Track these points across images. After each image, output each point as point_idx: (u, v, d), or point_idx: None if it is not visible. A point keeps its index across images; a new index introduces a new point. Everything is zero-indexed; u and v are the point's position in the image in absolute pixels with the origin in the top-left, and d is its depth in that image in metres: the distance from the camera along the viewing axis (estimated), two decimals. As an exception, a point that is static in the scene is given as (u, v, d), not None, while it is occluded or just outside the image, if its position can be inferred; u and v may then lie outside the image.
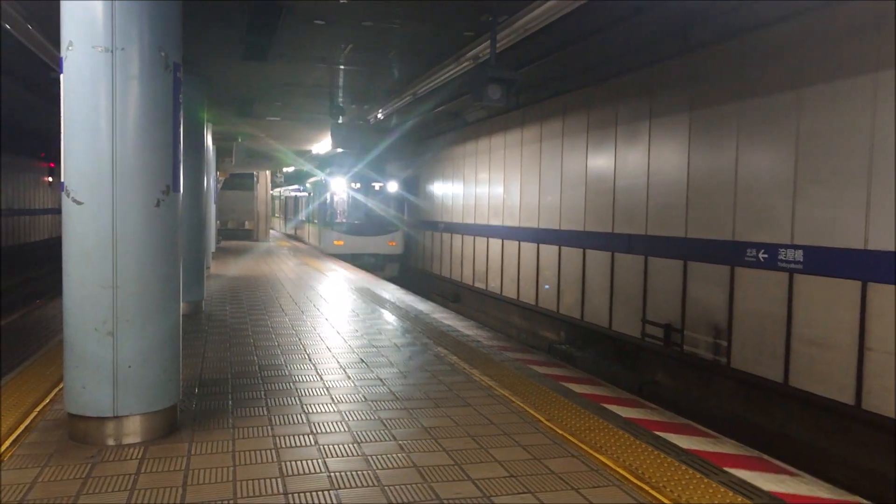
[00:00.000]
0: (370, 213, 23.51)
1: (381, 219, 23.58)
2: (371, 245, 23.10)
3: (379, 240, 23.26)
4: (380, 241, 23.24)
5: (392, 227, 23.49)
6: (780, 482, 4.21)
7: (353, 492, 3.88)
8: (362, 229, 23.24)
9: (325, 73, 11.80)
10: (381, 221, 23.52)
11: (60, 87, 4.46)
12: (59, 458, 4.28)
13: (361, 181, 23.52)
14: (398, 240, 23.50)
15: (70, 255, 4.48)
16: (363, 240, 23.07)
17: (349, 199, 23.71)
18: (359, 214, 23.58)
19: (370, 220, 23.48)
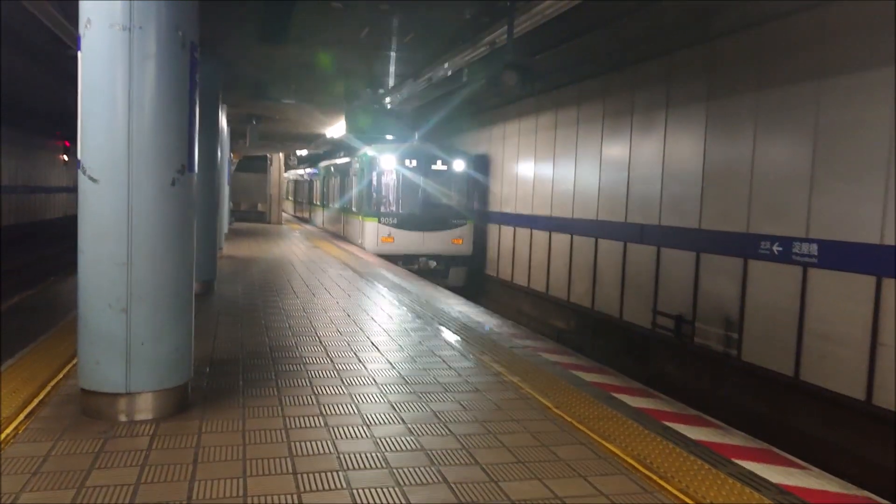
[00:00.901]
0: (430, 201, 18.42)
1: (444, 208, 18.51)
2: (431, 243, 18.10)
3: (442, 236, 18.20)
4: (443, 237, 18.19)
5: (459, 220, 18.44)
6: (788, 475, 4.20)
7: (361, 473, 3.91)
8: (420, 222, 18.13)
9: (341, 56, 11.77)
10: (444, 212, 18.43)
11: (78, 66, 4.47)
12: (72, 433, 4.33)
13: (419, 158, 18.33)
14: (466, 236, 18.43)
15: (85, 232, 4.51)
16: (420, 236, 18.01)
17: (402, 182, 18.47)
18: (415, 202, 18.42)
19: (430, 209, 18.32)
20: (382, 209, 18.29)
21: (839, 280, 7.92)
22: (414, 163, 18.28)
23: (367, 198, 18.46)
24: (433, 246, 18.11)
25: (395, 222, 18.09)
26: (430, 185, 18.38)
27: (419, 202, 18.40)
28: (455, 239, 18.26)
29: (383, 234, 17.90)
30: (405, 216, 18.25)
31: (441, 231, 18.21)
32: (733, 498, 3.78)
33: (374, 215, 18.20)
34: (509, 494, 3.71)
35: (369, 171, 18.40)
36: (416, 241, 17.99)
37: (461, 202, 18.65)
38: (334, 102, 16.52)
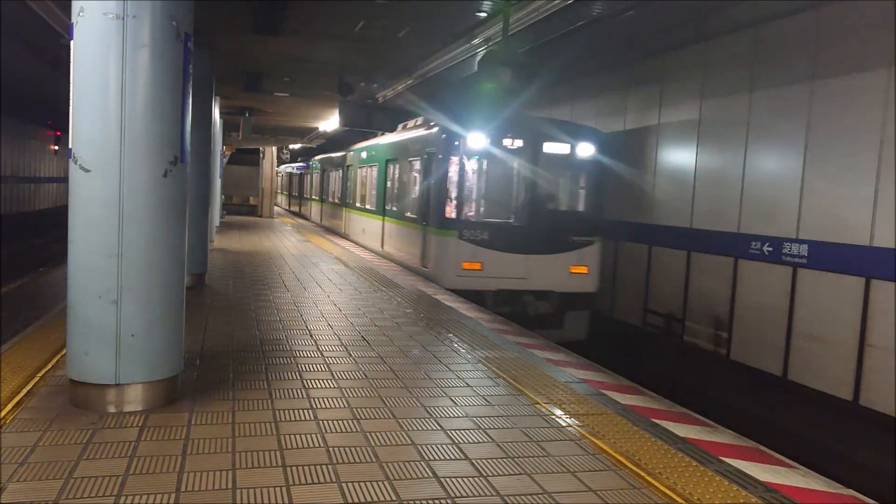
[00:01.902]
0: (541, 205, 11.83)
1: (562, 217, 12.09)
2: (540, 273, 11.54)
3: (557, 262, 11.64)
4: (558, 264, 11.64)
5: (583, 236, 11.82)
6: (775, 473, 4.23)
7: (351, 467, 3.91)
8: (525, 239, 11.53)
9: (335, 50, 11.73)
10: (562, 222, 11.92)
11: (70, 55, 4.45)
12: (60, 423, 4.32)
13: (526, 135, 11.65)
14: (593, 262, 11.84)
15: (76, 222, 4.49)
16: (524, 262, 11.46)
17: (497, 174, 11.97)
18: (518, 206, 11.87)
19: (541, 218, 11.69)
20: (465, 217, 11.54)
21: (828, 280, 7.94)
22: (518, 143, 11.47)
23: (439, 199, 11.62)
24: (543, 277, 11.44)
25: (485, 238, 11.30)
26: (542, 179, 11.72)
27: (525, 206, 11.57)
28: (576, 266, 11.60)
29: (465, 256, 11.18)
30: (502, 229, 11.48)
31: (557, 254, 11.49)
32: (720, 495, 3.80)
33: (450, 227, 11.37)
34: (499, 490, 3.72)
35: (444, 156, 11.56)
36: (518, 268, 11.27)
37: (588, 207, 12.17)
38: (327, 96, 16.46)
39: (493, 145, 11.38)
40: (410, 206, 13.55)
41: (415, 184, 13.37)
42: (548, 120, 12.46)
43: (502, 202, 11.89)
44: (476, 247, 11.28)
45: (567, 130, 11.83)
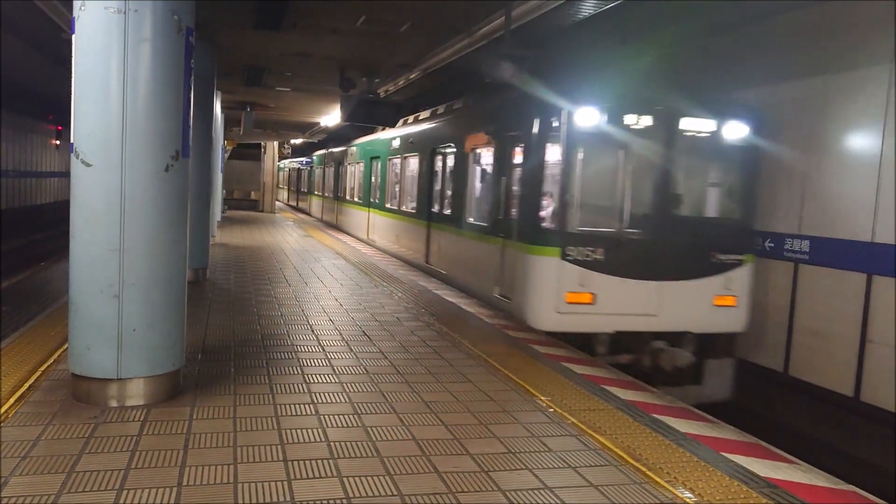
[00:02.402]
0: (673, 209, 8.39)
1: (703, 227, 8.72)
2: (673, 305, 8.16)
3: (695, 291, 8.26)
4: (697, 293, 8.27)
5: (731, 254, 8.38)
6: (776, 469, 4.23)
7: (352, 461, 3.91)
8: (652, 259, 8.10)
9: (337, 45, 11.71)
10: (703, 234, 8.49)
11: (72, 49, 4.44)
12: (62, 417, 4.32)
13: (656, 114, 8.04)
14: (742, 287, 8.45)
15: (78, 217, 4.49)
16: (653, 291, 8.07)
17: (613, 169, 8.20)
18: (643, 215, 8.22)
19: (674, 228, 8.23)
20: (571, 227, 7.94)
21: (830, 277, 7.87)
22: (645, 121, 8.00)
23: (530, 202, 8.33)
24: (678, 312, 8.12)
25: (598, 259, 7.89)
26: (678, 172, 8.40)
27: (655, 211, 8.15)
28: (722, 296, 8.26)
29: (571, 285, 7.81)
30: (623, 245, 8.04)
31: (696, 279, 8.17)
32: (721, 490, 3.80)
33: (548, 241, 7.94)
34: (500, 485, 3.72)
35: (539, 138, 8.13)
36: (645, 300, 8.00)
37: (739, 212, 8.72)
38: (329, 91, 16.43)
39: (612, 124, 7.76)
40: (477, 210, 10.40)
41: (484, 180, 10.08)
42: (685, 89, 8.62)
43: (623, 206, 8.01)
44: (586, 271, 7.73)
45: (710, 104, 8.24)
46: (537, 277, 7.92)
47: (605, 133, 7.80)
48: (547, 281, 7.82)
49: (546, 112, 8.03)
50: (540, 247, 7.94)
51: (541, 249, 7.92)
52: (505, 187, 8.94)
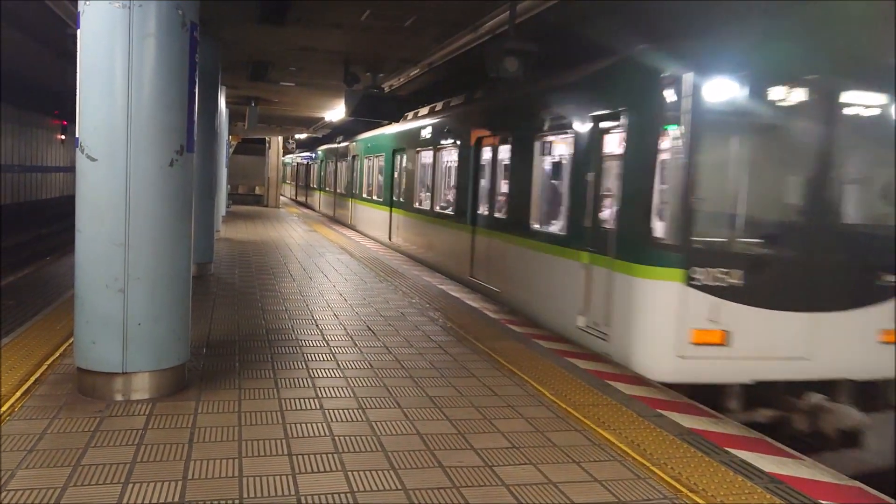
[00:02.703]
0: (832, 217, 6.07)
1: (865, 239, 6.21)
2: (829, 345, 5.88)
3: (855, 324, 5.96)
4: (857, 326, 5.96)
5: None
6: (780, 464, 4.23)
7: (356, 456, 3.92)
8: (805, 282, 5.87)
9: (341, 40, 11.69)
10: (866, 248, 6.12)
11: (77, 43, 4.44)
12: (68, 411, 4.34)
13: (811, 85, 5.95)
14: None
15: (83, 211, 4.50)
16: (806, 326, 5.84)
17: (753, 160, 6.00)
18: (793, 222, 6.02)
19: (832, 242, 5.99)
20: (697, 240, 5.86)
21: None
22: (800, 95, 6.06)
23: (638, 205, 6.17)
24: (835, 353, 5.99)
25: (736, 284, 5.82)
26: (839, 164, 6.18)
27: (808, 217, 6.06)
28: (891, 332, 6.13)
29: (697, 319, 5.76)
30: (767, 264, 5.95)
31: (857, 309, 6.07)
32: (725, 486, 3.80)
33: (664, 260, 5.87)
34: (504, 479, 3.73)
35: (650, 117, 6.09)
36: (791, 339, 5.92)
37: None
38: (333, 86, 16.41)
39: (753, 98, 5.84)
40: (546, 214, 8.36)
41: (559, 175, 7.85)
42: (851, 52, 6.27)
43: (768, 211, 6.20)
44: (719, 300, 5.74)
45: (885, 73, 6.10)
46: (649, 309, 5.86)
47: (744, 111, 5.83)
48: (663, 314, 5.76)
49: (660, 83, 5.91)
50: (653, 267, 5.83)
51: (654, 271, 5.81)
52: (593, 185, 6.79)
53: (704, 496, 3.65)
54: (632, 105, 6.29)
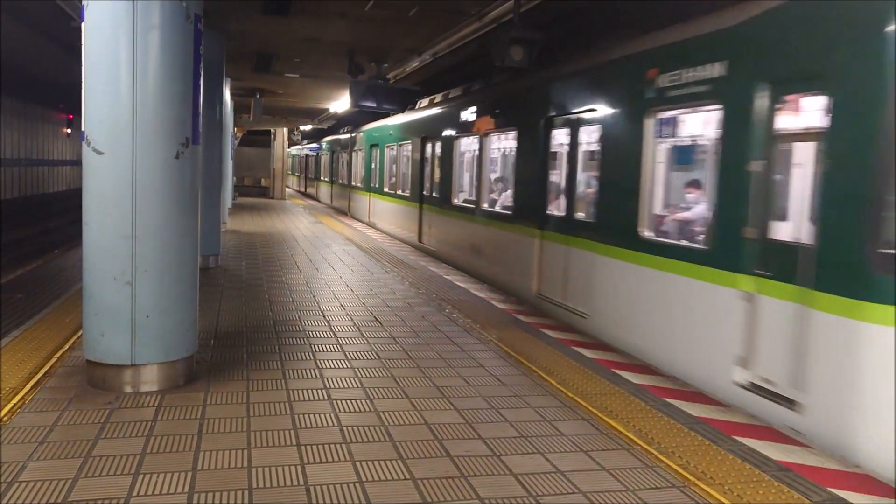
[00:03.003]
0: None
1: None
2: None
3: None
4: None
5: None
6: (788, 452, 4.22)
7: (365, 446, 3.94)
8: None
9: (345, 30, 11.66)
10: None
11: (82, 37, 4.44)
12: (78, 403, 4.37)
13: None
14: None
15: (90, 204, 4.51)
16: None
17: None
18: None
19: None
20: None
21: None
22: None
23: (853, 210, 4.30)
24: None
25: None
26: None
27: None
28: None
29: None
30: None
31: None
32: (733, 473, 3.80)
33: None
34: (511, 468, 3.74)
35: (864, 85, 4.31)
36: None
37: None
38: (338, 77, 16.37)
39: None
40: (669, 219, 6.64)
41: (693, 162, 6.81)
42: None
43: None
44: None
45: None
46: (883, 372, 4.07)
47: None
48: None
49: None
50: (884, 306, 4.09)
51: (885, 313, 4.08)
52: (761, 178, 4.98)
53: (712, 484, 3.66)
54: (842, 66, 4.46)
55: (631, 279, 6.47)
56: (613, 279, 6.78)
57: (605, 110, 7.10)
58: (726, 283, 5.20)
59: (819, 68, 4.62)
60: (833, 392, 4.34)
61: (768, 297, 4.85)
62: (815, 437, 4.43)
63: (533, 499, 3.40)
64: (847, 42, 4.45)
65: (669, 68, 6.01)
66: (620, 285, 6.66)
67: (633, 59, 6.72)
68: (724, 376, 5.22)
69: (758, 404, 4.91)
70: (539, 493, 3.46)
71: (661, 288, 6.02)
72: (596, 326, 7.06)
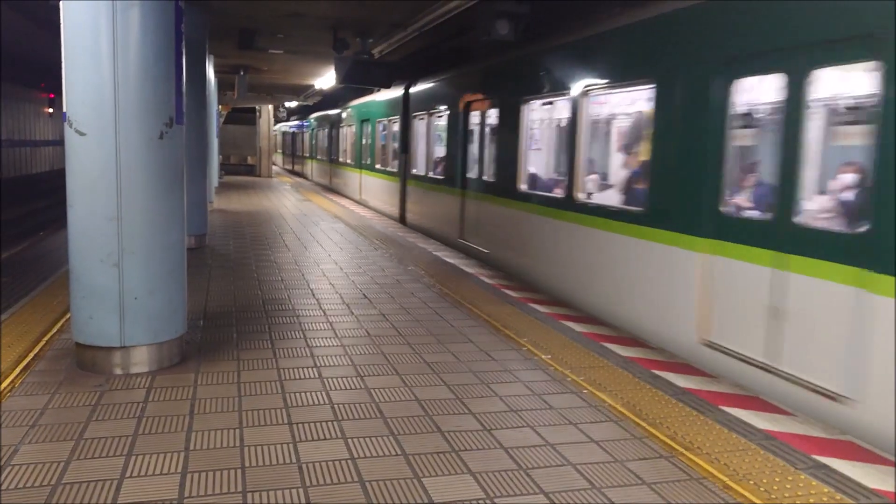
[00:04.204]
0: None
1: None
2: None
3: None
4: None
5: None
6: (774, 421, 4.29)
7: (356, 423, 3.97)
8: None
9: (329, 5, 11.52)
10: None
11: (60, 15, 4.37)
12: (68, 386, 4.37)
13: None
14: None
15: (74, 186, 4.47)
16: None
17: None
18: None
19: None
20: None
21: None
22: None
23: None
24: None
25: None
26: None
27: None
28: None
29: None
30: None
31: None
32: (720, 443, 3.86)
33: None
34: (502, 442, 3.78)
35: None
36: None
37: None
38: (323, 53, 16.21)
39: None
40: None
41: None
42: None
43: None
44: None
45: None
46: None
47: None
48: None
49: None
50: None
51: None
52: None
53: (699, 454, 3.71)
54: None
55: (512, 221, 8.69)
56: (502, 222, 9.04)
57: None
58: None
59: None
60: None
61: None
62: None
63: (523, 472, 3.45)
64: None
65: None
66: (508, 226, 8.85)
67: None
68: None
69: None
70: (529, 466, 3.50)
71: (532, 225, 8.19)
72: (493, 258, 9.35)
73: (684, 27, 5.98)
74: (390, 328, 6.00)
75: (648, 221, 6.24)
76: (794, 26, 4.79)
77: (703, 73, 5.60)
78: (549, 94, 8.36)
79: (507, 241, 9.29)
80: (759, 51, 5.08)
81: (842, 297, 4.36)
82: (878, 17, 4.14)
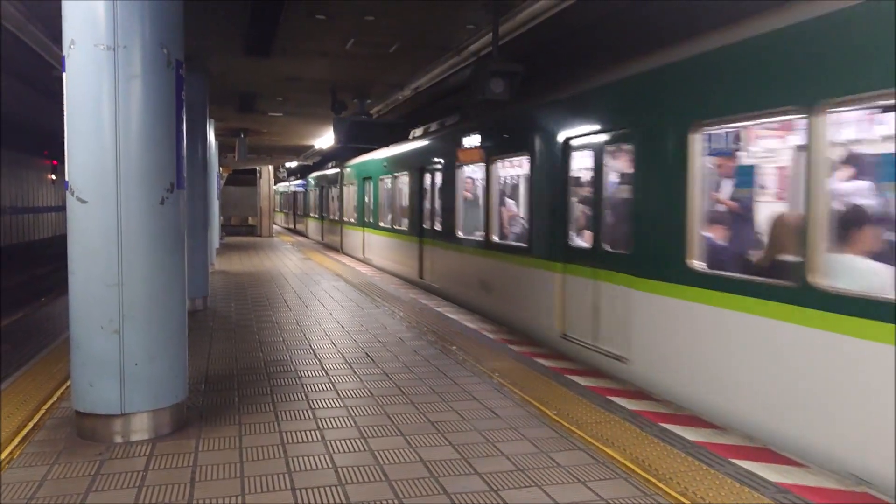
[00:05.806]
0: None
1: None
2: None
3: None
4: None
5: None
6: (786, 473, 4.21)
7: (360, 487, 3.89)
8: None
9: (327, 68, 11.78)
10: None
11: (63, 86, 4.46)
12: (67, 456, 4.30)
13: None
14: None
15: (75, 253, 4.49)
16: None
17: None
18: None
19: None
20: None
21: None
22: None
23: None
24: None
25: None
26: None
27: None
28: None
29: None
30: None
31: None
32: (732, 497, 3.78)
33: None
34: (510, 503, 3.70)
35: None
36: None
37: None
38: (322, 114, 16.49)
39: None
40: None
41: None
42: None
43: None
44: None
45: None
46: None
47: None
48: None
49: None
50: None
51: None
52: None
53: (712, 510, 3.63)
54: None
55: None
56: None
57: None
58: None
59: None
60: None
61: None
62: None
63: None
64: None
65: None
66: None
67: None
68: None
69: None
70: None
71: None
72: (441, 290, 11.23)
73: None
74: (393, 387, 5.95)
75: (529, 253, 8.58)
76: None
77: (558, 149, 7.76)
78: (472, 162, 10.74)
79: (451, 277, 11.59)
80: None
81: (619, 294, 6.44)
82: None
